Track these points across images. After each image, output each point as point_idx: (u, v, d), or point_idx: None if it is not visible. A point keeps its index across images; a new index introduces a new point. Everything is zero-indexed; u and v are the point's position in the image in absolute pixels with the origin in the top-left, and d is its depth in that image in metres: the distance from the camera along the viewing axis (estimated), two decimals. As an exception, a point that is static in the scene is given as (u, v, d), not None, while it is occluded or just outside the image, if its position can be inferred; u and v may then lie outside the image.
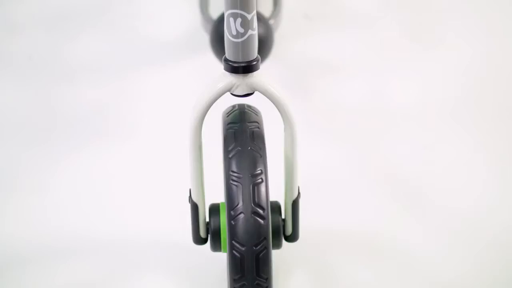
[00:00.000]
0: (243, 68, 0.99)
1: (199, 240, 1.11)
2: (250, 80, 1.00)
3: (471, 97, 1.53)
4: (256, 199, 0.98)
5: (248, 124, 1.03)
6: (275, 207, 1.09)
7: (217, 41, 1.43)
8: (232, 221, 0.97)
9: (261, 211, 0.98)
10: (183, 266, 1.24)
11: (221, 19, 1.43)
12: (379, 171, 1.39)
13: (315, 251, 1.25)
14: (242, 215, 0.97)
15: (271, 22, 1.49)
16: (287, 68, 1.58)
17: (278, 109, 1.03)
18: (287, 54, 1.60)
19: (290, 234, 1.10)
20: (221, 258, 1.19)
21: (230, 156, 1.00)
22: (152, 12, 1.70)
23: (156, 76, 1.58)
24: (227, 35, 0.99)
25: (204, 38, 1.54)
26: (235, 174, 0.98)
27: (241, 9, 0.97)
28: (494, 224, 1.30)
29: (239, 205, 0.97)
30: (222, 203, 1.10)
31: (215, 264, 1.22)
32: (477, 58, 1.60)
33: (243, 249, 0.97)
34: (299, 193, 1.09)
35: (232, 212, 0.98)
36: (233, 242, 0.97)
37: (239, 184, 0.98)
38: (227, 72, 1.01)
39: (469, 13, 1.70)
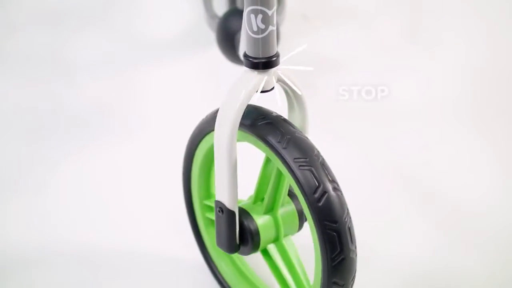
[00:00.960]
0: (264, 63, 1.00)
1: (236, 247, 1.09)
2: (273, 75, 1.01)
3: (472, 96, 1.54)
4: (330, 176, 0.99)
5: (273, 115, 1.03)
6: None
7: (225, 38, 1.43)
8: (318, 203, 0.97)
9: (337, 185, 0.99)
10: (182, 268, 1.25)
11: (227, 15, 1.44)
12: (379, 169, 1.40)
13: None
14: (327, 195, 0.97)
15: (277, 18, 1.49)
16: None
17: (296, 103, 1.04)
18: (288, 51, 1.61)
19: None
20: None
21: (284, 146, 0.99)
22: (153, 9, 1.71)
23: (158, 73, 1.58)
24: (247, 32, 0.99)
25: (206, 35, 1.54)
26: (301, 160, 0.98)
27: (261, 5, 0.97)
28: (497, 222, 1.31)
29: (320, 186, 0.98)
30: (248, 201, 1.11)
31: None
32: (477, 57, 1.62)
33: (337, 225, 0.97)
34: None
35: (315, 196, 0.97)
36: (326, 222, 0.97)
37: (309, 167, 0.98)
38: (248, 69, 1.01)
39: (468, 12, 1.72)
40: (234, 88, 1.00)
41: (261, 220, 1.07)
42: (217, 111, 1.04)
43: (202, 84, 1.56)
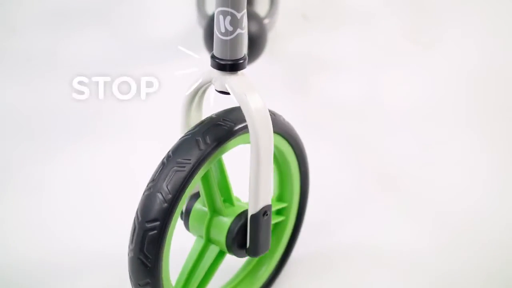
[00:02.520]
0: (230, 66, 0.99)
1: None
2: (228, 79, 1.00)
3: (471, 97, 1.53)
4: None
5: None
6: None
7: (210, 37, 1.43)
8: None
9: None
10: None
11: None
12: (376, 171, 1.40)
13: (315, 252, 1.26)
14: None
15: (266, 21, 1.49)
16: (284, 66, 1.59)
17: (245, 115, 1.00)
18: (285, 52, 1.61)
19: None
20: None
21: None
22: (153, 11, 1.70)
23: (153, 73, 1.58)
24: (215, 32, 0.99)
25: (201, 36, 1.54)
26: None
27: (231, 7, 0.97)
28: (495, 225, 1.30)
29: None
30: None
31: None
32: (476, 57, 1.61)
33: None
34: (265, 211, 1.05)
35: None
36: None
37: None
38: (213, 69, 1.01)
39: (468, 12, 1.70)
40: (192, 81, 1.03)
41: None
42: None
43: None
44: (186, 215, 1.08)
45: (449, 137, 1.46)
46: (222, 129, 1.01)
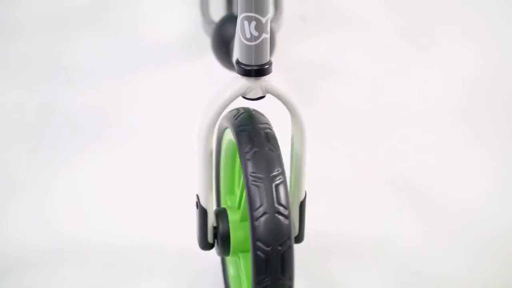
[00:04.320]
0: (256, 71, 1.00)
1: (207, 246, 1.10)
2: (263, 84, 1.01)
3: (471, 99, 1.54)
4: (279, 199, 0.98)
5: (260, 125, 1.03)
6: None
7: (220, 44, 1.42)
8: (255, 222, 0.97)
9: (284, 211, 0.97)
10: (179, 270, 1.24)
11: (223, 21, 1.43)
12: (380, 173, 1.40)
13: (315, 253, 1.26)
14: (266, 216, 0.97)
15: (273, 25, 1.49)
16: (287, 71, 1.58)
17: (290, 112, 1.04)
18: (287, 57, 1.61)
19: (297, 235, 1.11)
20: (217, 261, 1.21)
21: (247, 157, 0.99)
22: (152, 15, 1.70)
23: (156, 78, 1.57)
24: (240, 38, 0.99)
25: (204, 40, 1.54)
26: (256, 175, 0.98)
27: (256, 13, 0.97)
28: (495, 226, 1.31)
29: (262, 206, 0.97)
30: (230, 206, 1.11)
31: (209, 268, 1.22)
32: (476, 60, 1.62)
33: (268, 249, 0.97)
34: (305, 194, 1.09)
35: (255, 213, 0.97)
36: (258, 243, 0.97)
37: (260, 184, 0.98)
38: (239, 75, 1.01)
39: (467, 14, 1.72)
40: (219, 91, 1.01)
41: (235, 226, 1.07)
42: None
43: (200, 89, 1.56)
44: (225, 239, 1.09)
45: (449, 138, 1.47)
46: (270, 132, 1.03)
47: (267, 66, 1.00)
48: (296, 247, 1.12)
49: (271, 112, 1.08)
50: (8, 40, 1.65)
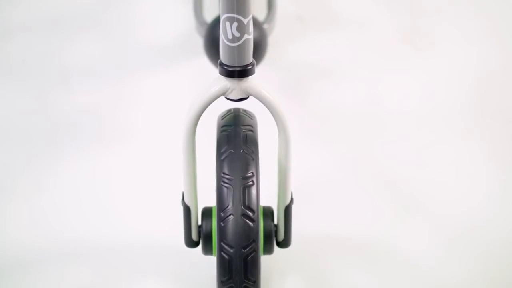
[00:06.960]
0: (238, 72, 0.99)
1: (191, 243, 1.11)
2: (245, 85, 1.01)
3: (468, 100, 1.53)
4: (246, 202, 0.98)
5: (242, 127, 1.03)
6: (268, 212, 1.09)
7: (211, 45, 1.43)
8: (221, 223, 0.97)
9: (251, 214, 0.97)
10: (176, 269, 1.24)
11: (215, 23, 1.43)
12: (375, 175, 1.39)
13: (308, 255, 1.25)
14: (231, 217, 0.97)
15: (265, 26, 1.49)
16: (281, 72, 1.58)
17: (272, 114, 1.03)
18: (282, 57, 1.61)
19: (282, 240, 1.10)
20: (214, 261, 1.19)
21: (222, 158, 0.99)
22: (147, 16, 1.70)
23: (151, 79, 1.57)
24: (222, 39, 0.99)
25: (199, 41, 1.54)
26: (226, 176, 0.98)
27: (237, 14, 0.97)
28: (494, 229, 1.30)
29: (229, 207, 0.97)
30: (214, 206, 1.10)
31: (207, 268, 1.21)
32: (473, 60, 1.61)
33: (232, 251, 0.97)
34: (292, 199, 1.09)
35: (222, 214, 0.98)
36: (222, 244, 0.97)
37: (229, 186, 0.98)
38: (222, 76, 1.01)
39: (464, 14, 1.70)
40: (200, 90, 1.02)
41: None
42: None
43: (195, 90, 1.56)
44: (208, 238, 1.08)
45: (448, 139, 1.46)
46: (250, 134, 1.03)
47: (249, 67, 1.00)
48: (293, 248, 1.13)
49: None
50: (5, 41, 1.65)
